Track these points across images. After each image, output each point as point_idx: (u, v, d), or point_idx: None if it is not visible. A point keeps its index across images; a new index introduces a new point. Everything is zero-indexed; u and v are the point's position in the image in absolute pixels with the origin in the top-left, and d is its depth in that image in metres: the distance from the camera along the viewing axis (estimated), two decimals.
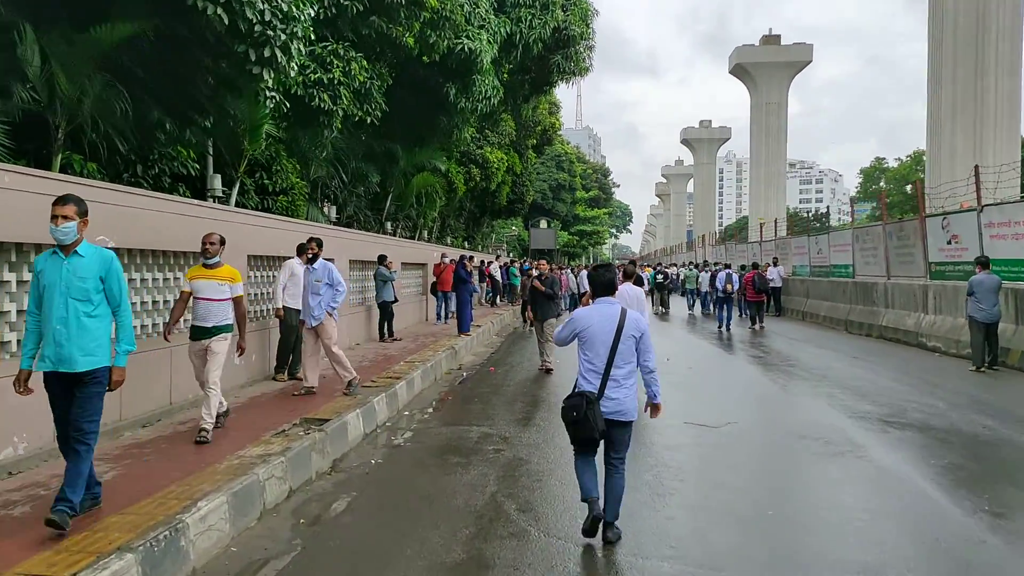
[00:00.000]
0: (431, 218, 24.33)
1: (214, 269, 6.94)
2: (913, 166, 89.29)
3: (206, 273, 6.92)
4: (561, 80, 20.58)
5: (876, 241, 18.53)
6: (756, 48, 61.51)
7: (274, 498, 5.79)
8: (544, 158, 65.25)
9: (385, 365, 11.86)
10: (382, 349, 13.98)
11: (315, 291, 8.89)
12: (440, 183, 21.72)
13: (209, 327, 6.86)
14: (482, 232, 40.01)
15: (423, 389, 11.28)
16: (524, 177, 35.40)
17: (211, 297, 6.85)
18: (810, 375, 12.35)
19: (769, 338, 18.24)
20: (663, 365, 13.90)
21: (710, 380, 12.38)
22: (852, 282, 19.88)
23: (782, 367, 13.31)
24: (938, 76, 27.30)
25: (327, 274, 8.95)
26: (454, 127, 18.58)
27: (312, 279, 8.93)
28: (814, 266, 23.84)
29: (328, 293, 8.89)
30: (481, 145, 26.65)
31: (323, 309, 8.80)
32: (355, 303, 15.10)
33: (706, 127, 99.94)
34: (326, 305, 8.82)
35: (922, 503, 5.80)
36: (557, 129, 39.17)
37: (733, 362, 14.26)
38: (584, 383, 4.91)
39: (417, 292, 19.84)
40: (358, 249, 14.72)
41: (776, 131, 59.73)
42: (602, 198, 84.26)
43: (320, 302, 8.79)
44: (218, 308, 6.89)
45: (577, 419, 4.77)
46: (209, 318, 6.85)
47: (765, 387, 11.51)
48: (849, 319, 19.55)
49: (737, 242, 36.00)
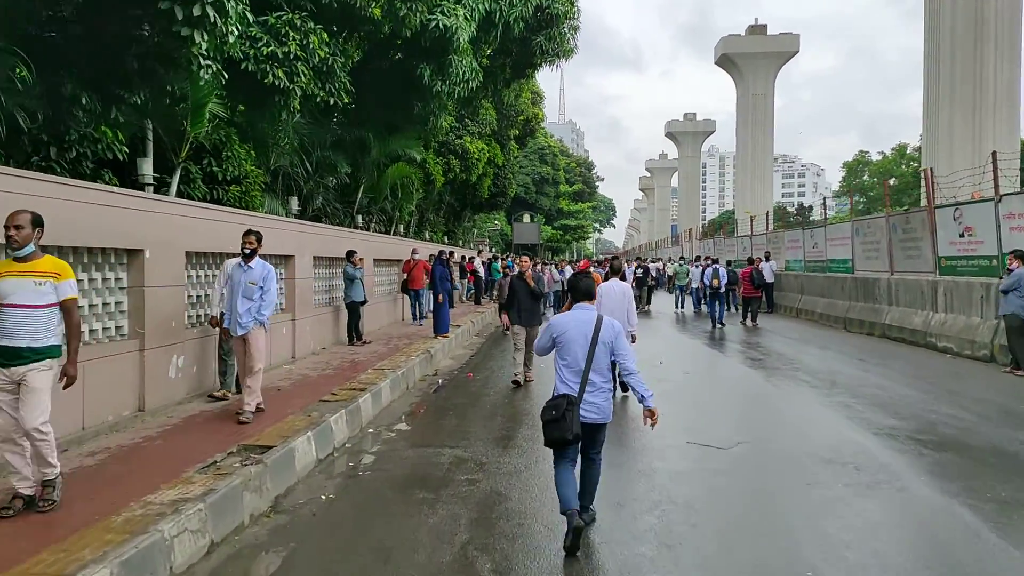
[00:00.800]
0: (408, 212, 23.08)
1: (28, 263, 4.82)
2: (897, 159, 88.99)
3: (15, 269, 4.80)
4: (544, 63, 19.38)
5: (879, 234, 17.53)
6: (742, 38, 60.50)
7: (186, 559, 4.60)
8: (527, 151, 64.09)
9: (350, 374, 10.66)
10: (350, 354, 12.78)
11: (248, 294, 7.41)
12: (417, 174, 20.48)
13: (21, 348, 4.69)
14: (463, 227, 38.75)
15: (392, 401, 10.10)
16: (506, 169, 34.16)
17: (24, 303, 4.73)
18: (818, 381, 11.29)
19: (765, 337, 17.21)
20: (656, 368, 12.81)
21: (710, 387, 11.29)
22: (852, 278, 18.89)
23: (786, 371, 12.25)
24: (936, 61, 26.41)
25: (264, 277, 7.53)
26: (430, 113, 17.33)
27: (246, 280, 7.44)
28: (809, 261, 22.85)
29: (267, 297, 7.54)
30: (461, 135, 25.41)
31: (252, 317, 7.45)
32: (321, 303, 13.88)
33: (691, 120, 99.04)
34: (256, 313, 7.47)
35: (995, 557, 4.71)
36: (540, 120, 37.98)
37: (733, 366, 13.19)
38: (563, 387, 5.01)
39: (391, 291, 18.61)
40: (324, 244, 13.49)
41: (763, 123, 58.78)
42: (586, 192, 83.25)
43: (250, 308, 7.40)
44: (36, 320, 4.76)
45: (555, 418, 4.83)
46: (22, 334, 4.70)
47: (772, 396, 10.43)
48: (849, 317, 18.56)
49: (725, 236, 35.01)
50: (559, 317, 5.25)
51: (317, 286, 13.44)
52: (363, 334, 14.35)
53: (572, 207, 75.38)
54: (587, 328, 5.03)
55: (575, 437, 4.81)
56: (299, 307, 12.08)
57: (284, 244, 11.55)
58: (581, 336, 5.01)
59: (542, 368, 12.22)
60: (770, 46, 59.09)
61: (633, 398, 9.26)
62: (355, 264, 13.80)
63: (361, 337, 14.22)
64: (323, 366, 11.40)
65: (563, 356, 5.07)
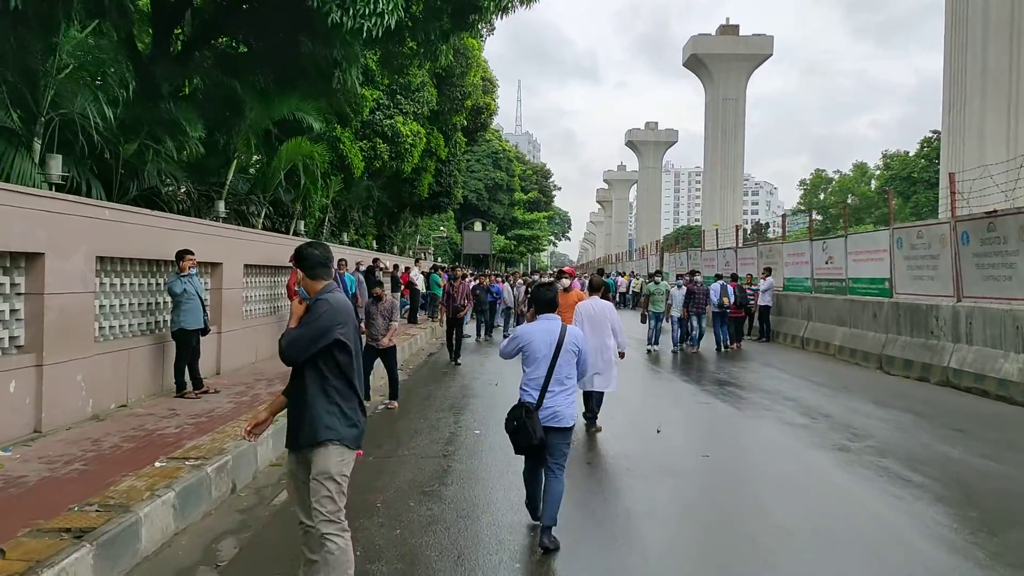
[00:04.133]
0: (319, 206, 17.99)
1: None
2: (858, 177, 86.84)
3: None
4: (496, 11, 14.58)
5: (936, 246, 13.10)
6: (713, 38, 56.44)
7: None
8: (479, 155, 59.36)
9: (114, 471, 5.65)
10: (160, 418, 7.71)
11: None
12: (323, 156, 15.42)
13: None
14: (402, 231, 33.61)
15: (176, 534, 5.12)
16: (452, 165, 29.22)
17: None
18: (930, 482, 6.60)
19: (783, 382, 12.60)
20: (653, 442, 8.18)
21: (753, 489, 6.48)
22: (891, 303, 14.45)
23: (859, 451, 7.54)
24: (962, 51, 22.53)
25: None
26: (334, 63, 12.41)
27: None
28: (820, 279, 18.42)
29: None
30: (391, 114, 20.48)
31: None
32: (133, 333, 8.80)
33: (652, 129, 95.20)
34: None
35: None
36: (493, 112, 33.23)
37: (776, 442, 8.43)
38: (524, 395, 5.16)
39: (275, 309, 13.43)
40: (126, 239, 8.41)
41: (733, 130, 54.77)
42: (542, 201, 78.90)
43: None
44: None
45: (517, 428, 5.03)
46: None
47: (865, 517, 5.66)
48: (886, 354, 14.10)
49: (703, 249, 30.61)
50: (524, 327, 5.41)
51: (110, 304, 8.33)
52: (202, 379, 9.28)
53: (527, 216, 70.83)
54: (551, 338, 5.15)
55: (540, 441, 4.98)
56: (55, 341, 7.00)
57: (27, 236, 6.53)
58: (545, 346, 5.13)
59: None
60: (742, 47, 55.23)
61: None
62: (184, 271, 8.74)
63: (200, 384, 9.16)
64: (78, 450, 6.33)
65: (527, 365, 5.23)
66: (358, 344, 3.86)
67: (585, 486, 6.61)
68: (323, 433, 3.66)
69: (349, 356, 3.75)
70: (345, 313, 3.73)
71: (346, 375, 3.75)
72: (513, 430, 5.08)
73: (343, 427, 3.71)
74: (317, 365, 3.70)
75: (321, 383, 3.70)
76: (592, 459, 7.58)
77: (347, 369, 3.75)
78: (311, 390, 3.70)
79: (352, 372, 3.76)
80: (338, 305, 3.71)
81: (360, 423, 3.81)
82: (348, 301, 3.88)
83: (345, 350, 3.73)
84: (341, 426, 3.70)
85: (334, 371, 3.72)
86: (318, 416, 3.67)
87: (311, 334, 3.64)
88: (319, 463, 3.67)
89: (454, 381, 12.71)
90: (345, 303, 3.79)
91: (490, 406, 10.33)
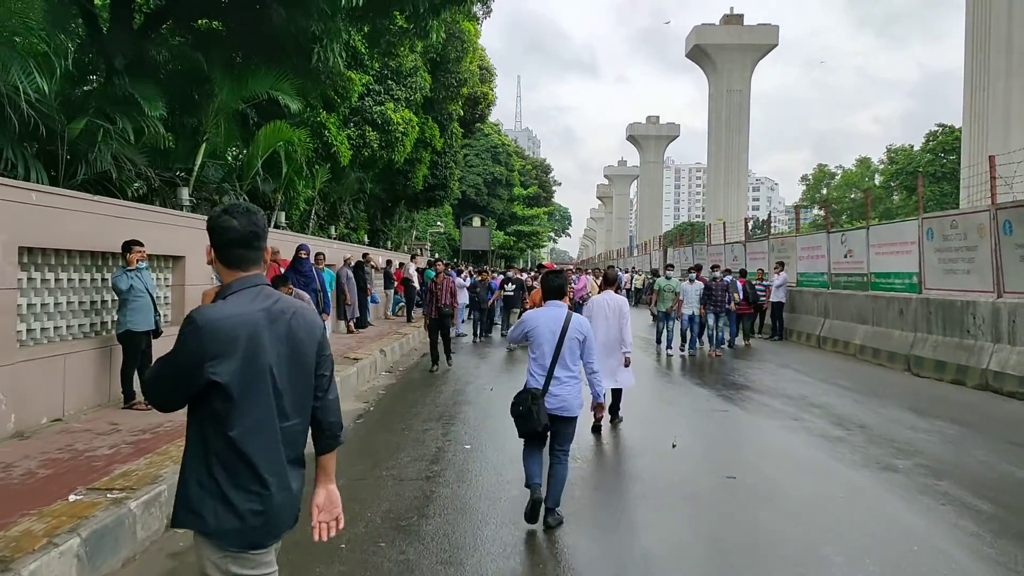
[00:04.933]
0: (304, 198, 16.87)
1: None
2: (863, 172, 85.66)
3: None
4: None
5: (975, 237, 11.98)
6: (717, 28, 55.12)
7: None
8: (478, 149, 58.23)
9: (29, 500, 4.55)
10: (102, 433, 6.61)
11: None
12: (305, 142, 14.29)
13: None
14: (397, 226, 32.44)
15: None
16: (447, 157, 28.05)
17: None
18: (1004, 513, 5.51)
19: (803, 385, 11.52)
20: (669, 459, 7.07)
21: (794, 524, 5.35)
22: (920, 299, 13.34)
23: (914, 474, 6.44)
24: (985, 25, 21.33)
25: None
26: (312, 38, 11.30)
27: None
28: (837, 274, 17.30)
29: None
30: (382, 100, 19.33)
31: None
32: (73, 336, 7.70)
33: (654, 123, 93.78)
34: None
35: None
36: (490, 102, 32.05)
37: (815, 459, 7.32)
38: (531, 380, 5.21)
39: None
40: (57, 227, 7.30)
41: (738, 122, 53.51)
42: (542, 196, 77.71)
43: None
44: None
45: (522, 413, 5.08)
46: None
47: None
48: (915, 354, 13.00)
49: (709, 244, 29.49)
50: (532, 312, 5.44)
51: (40, 303, 7.19)
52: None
53: (527, 212, 69.65)
54: (555, 325, 5.19)
55: (544, 428, 5.08)
56: None
57: None
58: (549, 332, 5.19)
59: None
60: (747, 37, 53.93)
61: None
62: (131, 264, 7.63)
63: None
64: None
65: (533, 351, 5.28)
66: (270, 384, 2.41)
67: (595, 519, 5.52)
68: (184, 519, 2.40)
69: (230, 405, 2.34)
70: (229, 340, 2.32)
71: (233, 439, 2.34)
72: (518, 415, 5.12)
73: (217, 515, 2.35)
74: (197, 414, 2.41)
75: (201, 444, 2.40)
76: (601, 482, 6.48)
77: (235, 425, 2.34)
78: (187, 450, 2.45)
79: (248, 431, 2.36)
80: (217, 325, 2.31)
81: (252, 514, 2.37)
82: (271, 311, 2.47)
83: (225, 397, 2.33)
84: (213, 513, 2.35)
85: (214, 428, 2.36)
86: (183, 492, 2.41)
87: (170, 372, 2.38)
88: (196, 554, 2.47)
89: (446, 385, 11.63)
90: (245, 319, 2.38)
91: (484, 415, 9.25)
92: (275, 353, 2.45)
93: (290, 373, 2.50)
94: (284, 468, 2.48)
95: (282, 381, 2.46)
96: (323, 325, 2.76)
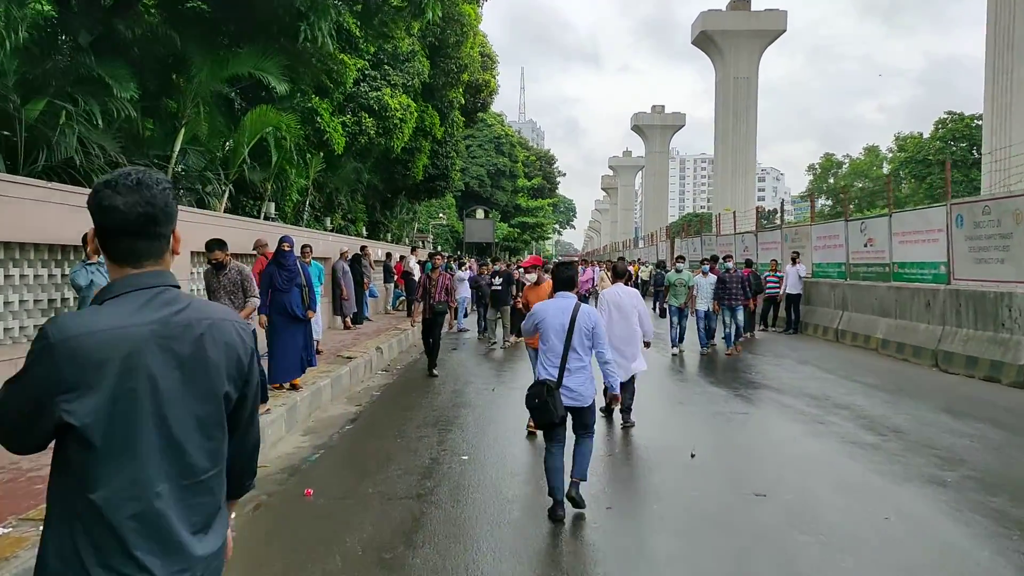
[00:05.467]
0: (297, 188, 16.14)
1: None
2: (871, 160, 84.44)
3: None
4: None
5: (1010, 223, 11.18)
6: (723, 13, 54.00)
7: None
8: (481, 139, 57.38)
9: None
10: None
11: None
12: (294, 128, 13.52)
13: None
14: (398, 219, 31.67)
15: None
16: (448, 146, 27.25)
17: None
18: None
19: (827, 384, 10.76)
20: (690, 475, 6.32)
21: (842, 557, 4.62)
22: (948, 290, 12.55)
23: (964, 489, 5.68)
24: (1008, 12, 20.41)
25: None
26: (298, 15, 10.53)
27: None
28: (857, 264, 16.50)
29: None
30: (378, 86, 18.56)
31: None
32: (27, 337, 6.98)
33: (659, 113, 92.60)
34: None
35: None
36: (493, 90, 31.22)
37: (834, 461, 6.57)
38: (543, 371, 5.23)
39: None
40: (8, 219, 6.58)
41: (745, 110, 52.49)
42: (547, 188, 76.83)
43: None
44: None
45: (538, 406, 5.11)
46: None
47: None
48: (943, 349, 12.23)
49: (719, 234, 28.67)
50: (541, 303, 5.51)
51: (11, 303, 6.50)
52: None
53: (531, 203, 68.80)
54: (564, 316, 5.23)
55: (562, 419, 5.12)
56: None
57: None
58: (558, 323, 5.22)
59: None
60: (754, 23, 52.82)
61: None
62: (92, 258, 6.90)
63: None
64: None
65: (543, 342, 5.31)
66: (154, 430, 1.67)
67: (612, 546, 4.78)
68: None
69: (91, 456, 1.61)
70: (94, 365, 1.60)
71: (95, 504, 1.61)
72: (534, 407, 5.17)
73: None
74: (59, 461, 1.67)
75: (61, 503, 1.66)
76: (614, 502, 5.73)
77: (98, 486, 1.62)
78: (49, 510, 1.69)
79: (118, 494, 1.62)
80: (79, 343, 1.60)
81: None
82: (169, 324, 1.72)
83: (83, 445, 1.61)
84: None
85: (75, 486, 1.63)
86: (41, 567, 1.64)
87: (14, 404, 1.66)
88: None
89: (444, 386, 10.91)
90: (122, 335, 1.64)
91: (484, 420, 8.53)
92: (169, 385, 1.70)
93: (194, 412, 1.74)
94: (178, 545, 1.72)
95: (179, 425, 1.71)
96: (252, 346, 1.96)
